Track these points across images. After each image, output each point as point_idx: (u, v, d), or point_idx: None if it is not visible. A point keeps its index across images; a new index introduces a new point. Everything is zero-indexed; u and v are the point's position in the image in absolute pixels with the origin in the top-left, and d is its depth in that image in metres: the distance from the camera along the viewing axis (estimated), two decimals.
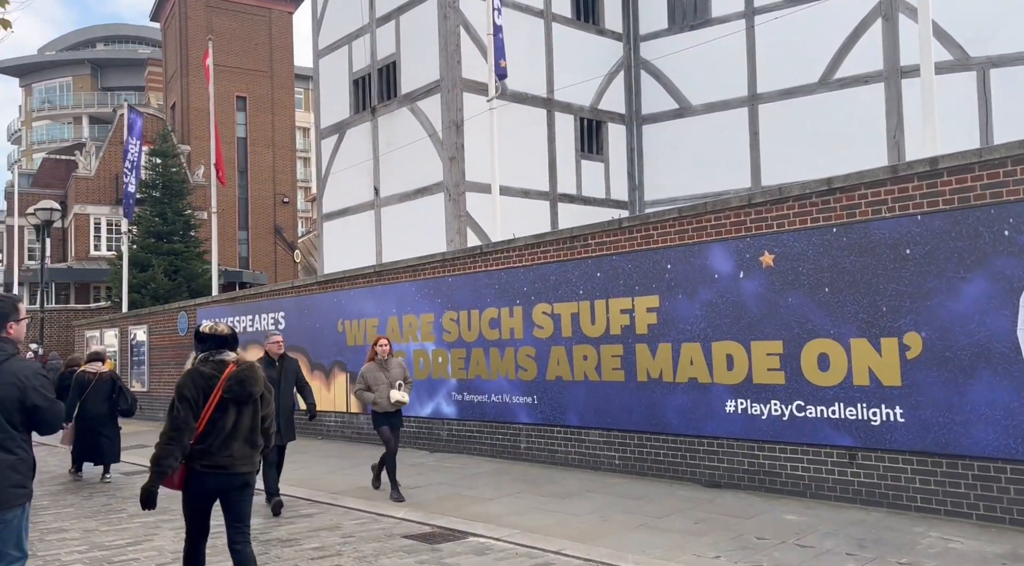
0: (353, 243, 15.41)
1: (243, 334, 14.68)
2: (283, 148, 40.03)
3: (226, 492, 4.28)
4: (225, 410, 4.22)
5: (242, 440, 4.28)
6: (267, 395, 4.47)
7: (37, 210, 16.80)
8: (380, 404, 7.88)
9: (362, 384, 8.00)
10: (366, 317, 12.00)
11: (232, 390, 4.22)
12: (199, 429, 4.17)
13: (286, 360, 7.99)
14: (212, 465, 4.18)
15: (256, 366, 4.45)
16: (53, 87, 62.12)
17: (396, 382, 7.95)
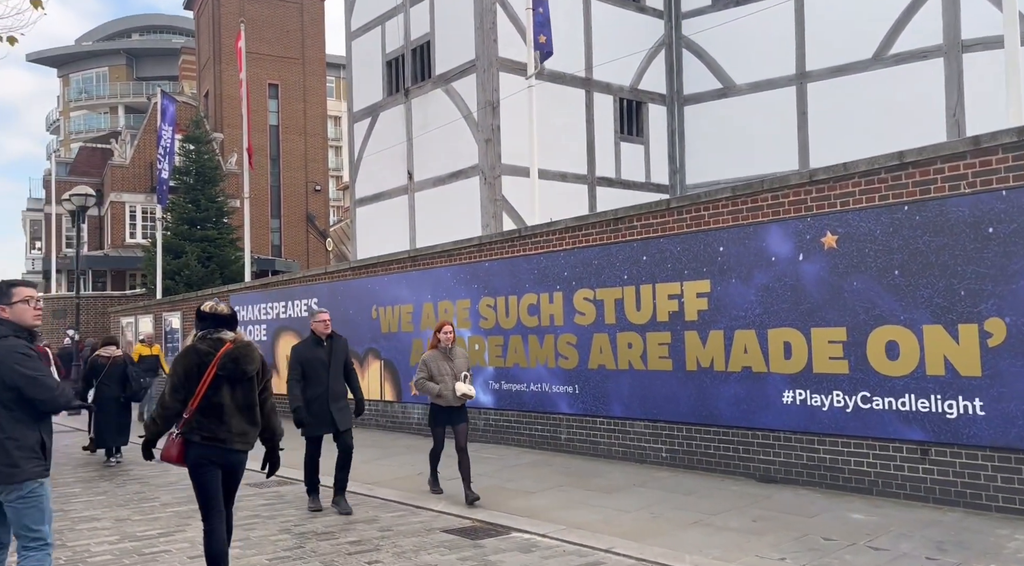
0: (386, 229, 15.14)
1: (276, 320, 14.54)
2: (315, 136, 40.01)
3: (223, 468, 4.31)
4: (219, 387, 4.26)
5: (239, 417, 4.33)
6: (264, 374, 4.52)
7: (72, 196, 16.82)
8: (444, 397, 7.02)
9: (424, 373, 7.13)
10: (400, 303, 11.72)
11: (226, 368, 4.26)
12: (195, 404, 4.23)
13: (335, 339, 7.04)
14: (211, 438, 4.25)
15: (252, 346, 4.48)
16: (90, 77, 62.97)
17: (462, 374, 7.07)
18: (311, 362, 6.84)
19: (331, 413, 6.82)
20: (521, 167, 12.94)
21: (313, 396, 6.80)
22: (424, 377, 7.12)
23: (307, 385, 6.83)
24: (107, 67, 63.21)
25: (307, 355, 6.90)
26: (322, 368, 6.82)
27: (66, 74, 64.20)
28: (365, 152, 15.82)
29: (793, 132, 13.98)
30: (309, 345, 6.97)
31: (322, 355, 6.86)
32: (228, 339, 4.36)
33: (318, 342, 6.98)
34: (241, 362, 4.31)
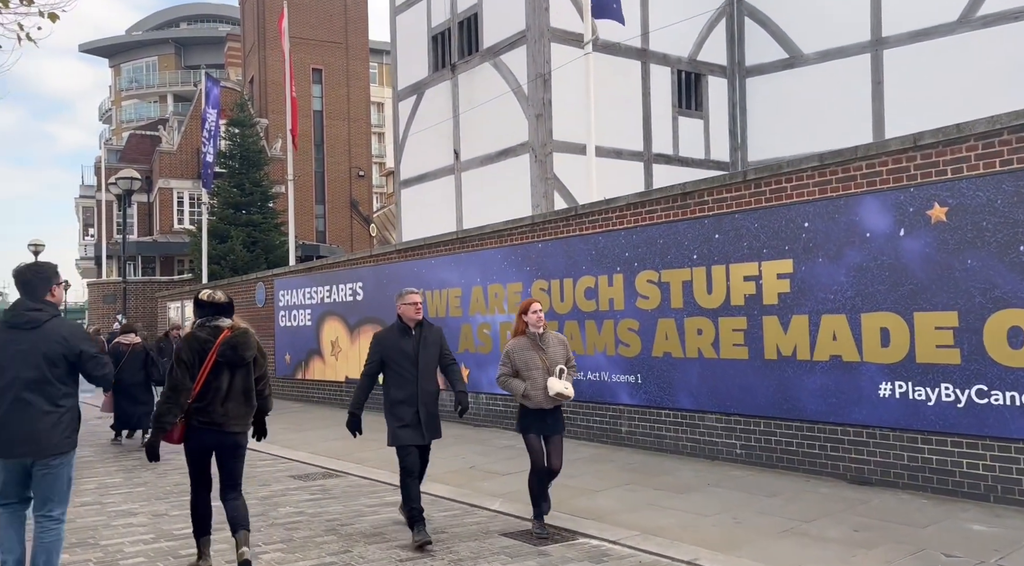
0: (432, 210, 14.63)
1: (321, 305, 14.17)
2: (358, 121, 39.78)
3: (220, 448, 4.55)
4: (219, 372, 4.48)
5: (236, 400, 4.54)
6: (260, 359, 4.70)
7: (118, 179, 16.72)
8: (533, 397, 5.36)
9: (507, 368, 5.48)
10: (448, 287, 11.18)
11: (225, 354, 4.47)
12: (196, 389, 4.43)
13: (426, 327, 5.52)
14: (208, 422, 4.45)
15: (250, 332, 4.65)
16: (140, 67, 63.98)
17: (556, 367, 5.39)
18: (395, 355, 5.40)
19: (420, 419, 5.37)
20: (573, 143, 12.26)
21: (399, 398, 5.39)
22: (507, 373, 5.48)
23: (391, 384, 5.45)
24: (156, 56, 64.18)
25: (390, 346, 5.45)
26: (408, 363, 5.38)
27: (117, 64, 65.39)
28: (410, 131, 15.30)
29: (867, 103, 12.97)
30: (394, 334, 5.49)
31: (408, 347, 5.39)
32: (226, 326, 4.56)
33: (405, 331, 5.46)
34: (239, 348, 4.51)
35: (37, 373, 3.92)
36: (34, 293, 4.09)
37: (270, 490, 7.21)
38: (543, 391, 5.37)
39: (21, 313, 4.01)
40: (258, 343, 4.70)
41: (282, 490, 7.21)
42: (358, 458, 8.72)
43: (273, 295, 15.85)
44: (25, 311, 4.01)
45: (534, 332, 5.53)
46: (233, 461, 4.60)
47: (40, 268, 4.23)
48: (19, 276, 4.14)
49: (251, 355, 4.59)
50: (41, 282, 4.13)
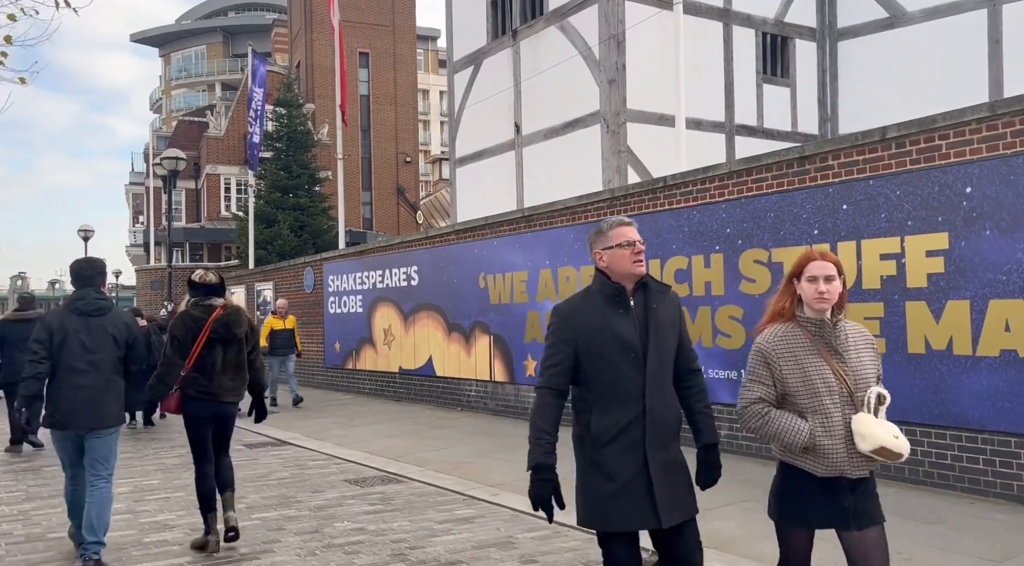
0: (490, 190, 13.63)
1: (373, 291, 13.29)
2: (405, 105, 38.99)
3: (215, 417, 4.80)
4: (212, 348, 4.72)
5: (229, 374, 4.79)
6: (251, 335, 4.95)
7: (163, 159, 16.11)
8: (826, 453, 2.63)
9: (762, 386, 2.72)
10: (513, 270, 10.16)
11: (218, 331, 4.73)
12: (190, 363, 4.67)
13: (654, 292, 2.85)
14: (204, 392, 4.70)
15: (241, 310, 4.94)
16: (189, 56, 64.39)
17: (870, 392, 2.63)
18: (599, 345, 2.78)
19: (650, 479, 2.72)
20: (650, 113, 11.10)
21: (609, 428, 2.78)
22: (764, 399, 2.73)
23: (591, 401, 2.84)
24: (205, 45, 64.46)
25: (590, 328, 2.82)
26: (627, 359, 2.77)
27: (167, 54, 65.93)
28: (466, 105, 14.29)
29: (983, 64, 11.49)
30: (595, 301, 2.83)
31: (625, 327, 2.78)
32: (219, 305, 4.80)
33: (616, 296, 2.81)
34: (231, 326, 4.79)
35: (110, 354, 4.50)
36: (96, 285, 4.65)
37: (324, 498, 6.29)
38: (845, 440, 2.62)
39: (93, 301, 4.53)
40: (249, 320, 5.02)
41: (337, 499, 6.29)
42: (420, 459, 7.78)
43: (322, 280, 15.06)
44: (96, 300, 4.55)
45: (818, 318, 2.71)
46: (225, 428, 4.97)
47: (97, 262, 4.78)
48: (80, 270, 4.64)
49: (243, 331, 4.87)
50: (99, 275, 4.72)
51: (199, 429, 4.81)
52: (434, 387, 11.83)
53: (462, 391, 11.22)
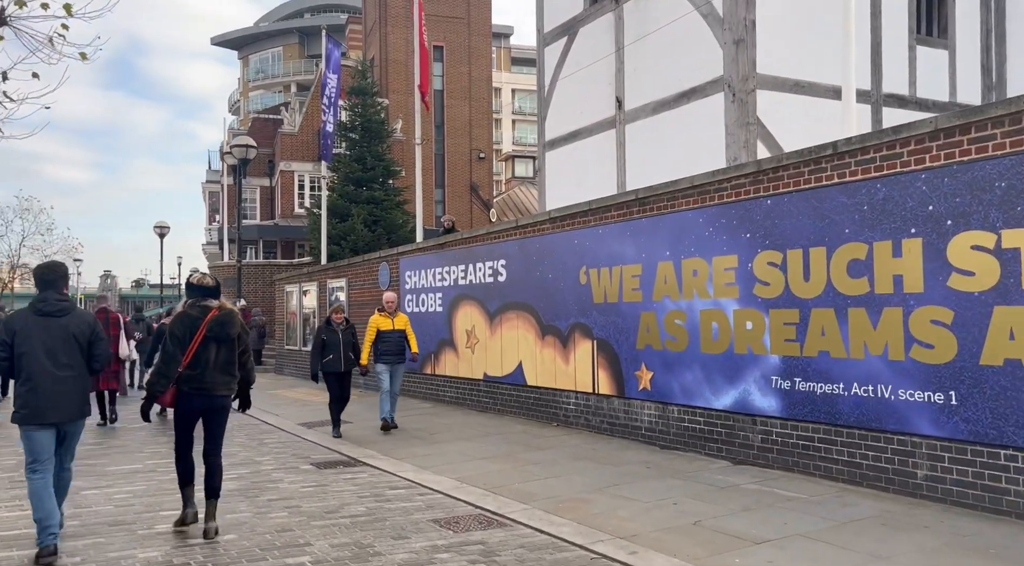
0: (584, 174, 12.09)
1: (454, 288, 11.92)
2: (479, 100, 37.85)
3: (206, 411, 5.26)
4: (207, 346, 5.14)
5: (221, 370, 5.23)
6: (243, 335, 5.38)
7: (233, 146, 15.23)
8: None
9: None
10: (623, 263, 8.57)
11: (213, 330, 5.14)
12: (187, 360, 5.09)
13: None
14: (197, 387, 5.16)
15: (234, 312, 5.33)
16: (266, 58, 65.29)
17: None
18: None
19: None
20: (783, 78, 9.35)
21: None
22: None
23: None
24: (281, 47, 65.19)
25: None
26: None
27: (246, 56, 67.01)
28: (558, 82, 12.79)
29: None
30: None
31: None
32: (214, 306, 5.22)
33: None
34: (226, 326, 5.19)
35: (69, 352, 4.78)
36: (58, 287, 4.94)
37: (410, 551, 4.86)
38: None
39: (54, 303, 4.83)
40: (241, 322, 5.36)
41: (427, 551, 4.85)
42: (521, 492, 6.30)
43: (398, 276, 13.80)
44: (57, 302, 4.85)
45: None
46: (217, 422, 5.30)
47: (58, 266, 5.13)
48: (43, 274, 4.95)
49: (235, 332, 5.23)
50: (61, 279, 5.02)
51: (188, 422, 5.31)
52: (524, 398, 10.35)
53: (558, 404, 9.69)
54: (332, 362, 9.25)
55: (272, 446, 9.00)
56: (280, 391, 15.37)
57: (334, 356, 9.25)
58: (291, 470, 7.50)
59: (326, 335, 9.39)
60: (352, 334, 9.47)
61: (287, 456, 8.31)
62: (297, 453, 8.49)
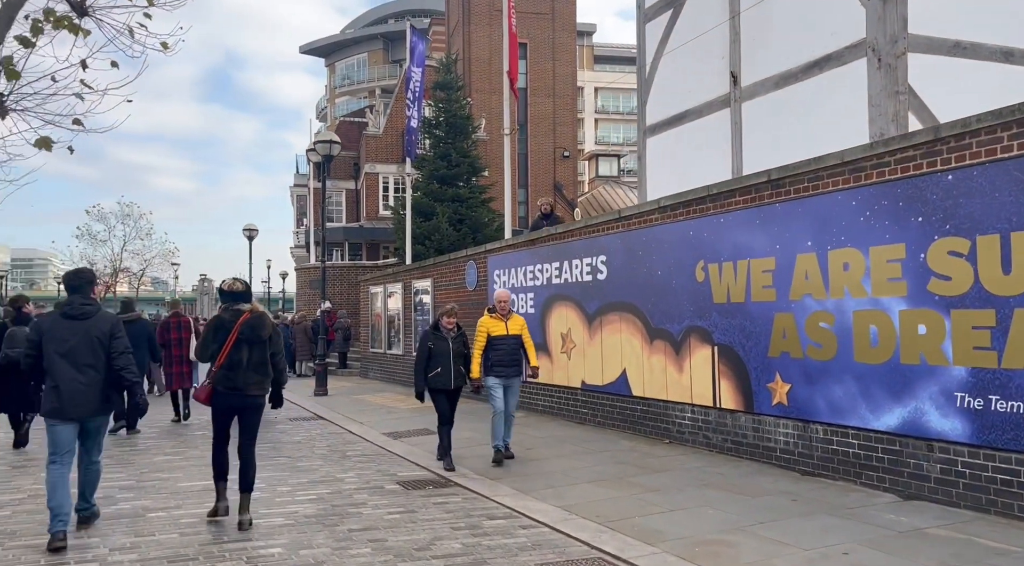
0: (691, 161, 10.88)
1: (547, 287, 10.91)
2: (564, 97, 36.82)
3: (241, 409, 5.52)
4: (240, 348, 5.42)
5: (254, 370, 5.48)
6: (275, 337, 5.63)
7: (316, 143, 14.76)
8: None
9: None
10: (751, 256, 7.37)
11: (245, 333, 5.43)
12: (220, 361, 5.39)
13: None
14: (231, 387, 5.42)
15: (265, 314, 5.67)
16: (352, 64, 66.38)
17: None
18: None
19: None
20: (939, 40, 7.90)
21: None
22: None
23: None
24: (366, 53, 66.09)
25: None
26: None
27: (332, 63, 68.31)
28: (661, 59, 11.62)
29: None
30: None
31: None
32: (246, 309, 5.54)
33: None
34: (256, 328, 5.50)
35: (91, 352, 5.15)
36: (83, 292, 5.38)
37: None
38: None
39: (78, 306, 5.26)
40: (273, 324, 5.70)
41: None
42: (644, 528, 5.22)
43: (487, 275, 12.92)
44: (81, 305, 5.27)
45: None
46: (252, 419, 5.57)
47: (84, 273, 5.57)
48: (69, 280, 5.43)
49: (266, 334, 5.55)
50: (87, 284, 5.48)
51: (224, 418, 5.55)
52: (629, 410, 9.24)
53: (670, 418, 8.53)
54: (440, 377, 7.48)
55: (355, 459, 8.23)
56: (365, 396, 14.77)
57: (442, 369, 7.47)
58: (375, 490, 6.66)
59: (433, 343, 7.54)
60: (464, 343, 7.71)
61: (371, 472, 7.50)
62: (382, 469, 7.67)
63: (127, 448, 9.04)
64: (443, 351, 7.51)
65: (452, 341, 7.57)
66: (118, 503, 6.21)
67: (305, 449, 8.87)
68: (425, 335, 7.71)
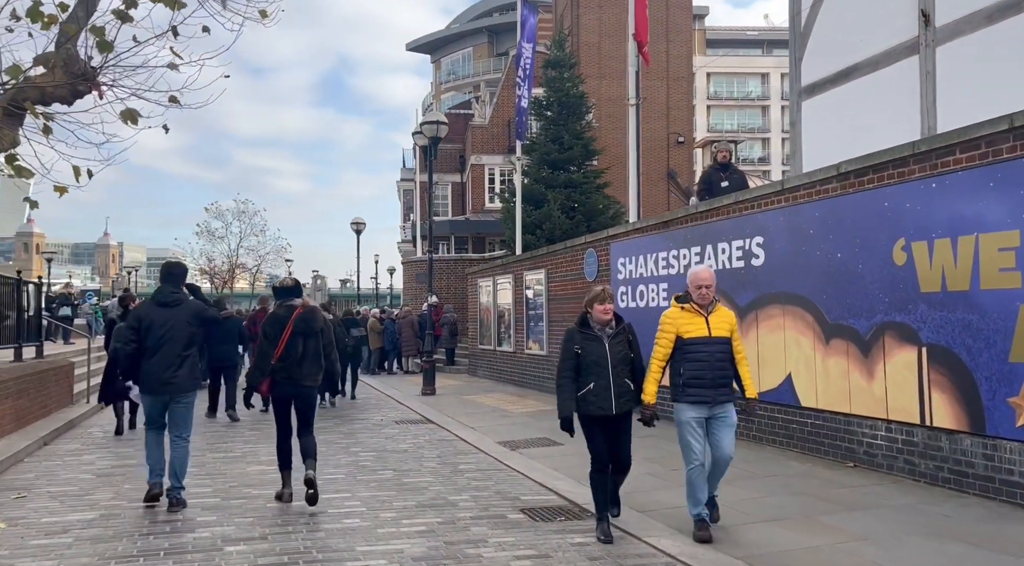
0: (862, 123, 9.03)
1: (686, 276, 9.36)
2: (678, 80, 34.69)
3: (297, 397, 5.92)
4: (295, 341, 5.83)
5: (308, 361, 5.88)
6: (327, 329, 6.03)
7: (424, 125, 13.77)
8: None
9: None
10: (980, 230, 5.61)
11: (299, 326, 5.86)
12: (278, 354, 5.80)
13: None
14: (287, 377, 5.84)
15: (317, 309, 6.06)
16: (457, 59, 66.30)
17: None
18: None
19: None
20: None
21: None
22: None
23: None
24: (471, 47, 65.75)
25: None
26: None
27: (438, 59, 68.47)
28: (822, 6, 9.80)
29: None
30: None
31: None
32: (298, 305, 5.96)
33: None
34: (309, 322, 5.91)
35: (181, 336, 5.77)
36: (175, 283, 6.03)
37: None
38: None
39: (168, 295, 5.90)
40: (324, 317, 6.12)
41: None
42: None
43: (609, 264, 11.50)
44: (171, 294, 5.90)
45: None
46: (306, 407, 5.99)
47: (178, 266, 6.27)
48: (165, 270, 6.12)
49: (318, 326, 5.94)
50: (179, 274, 6.16)
51: (283, 407, 6.00)
52: (796, 423, 7.58)
53: (854, 436, 6.83)
54: (594, 398, 4.85)
55: (469, 476, 7.03)
56: (475, 396, 13.67)
57: (598, 385, 4.85)
58: (496, 520, 5.41)
59: (581, 345, 4.93)
60: (629, 344, 5.03)
61: (489, 494, 6.26)
62: (501, 490, 6.42)
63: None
64: (597, 357, 4.86)
65: (611, 342, 4.91)
66: None
67: (412, 461, 7.76)
68: (570, 335, 5.04)
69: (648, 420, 4.93)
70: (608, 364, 4.85)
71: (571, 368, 4.90)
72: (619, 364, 4.88)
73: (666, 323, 5.00)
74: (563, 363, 4.98)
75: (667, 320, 5.02)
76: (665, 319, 5.04)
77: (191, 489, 6.16)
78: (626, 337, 5.02)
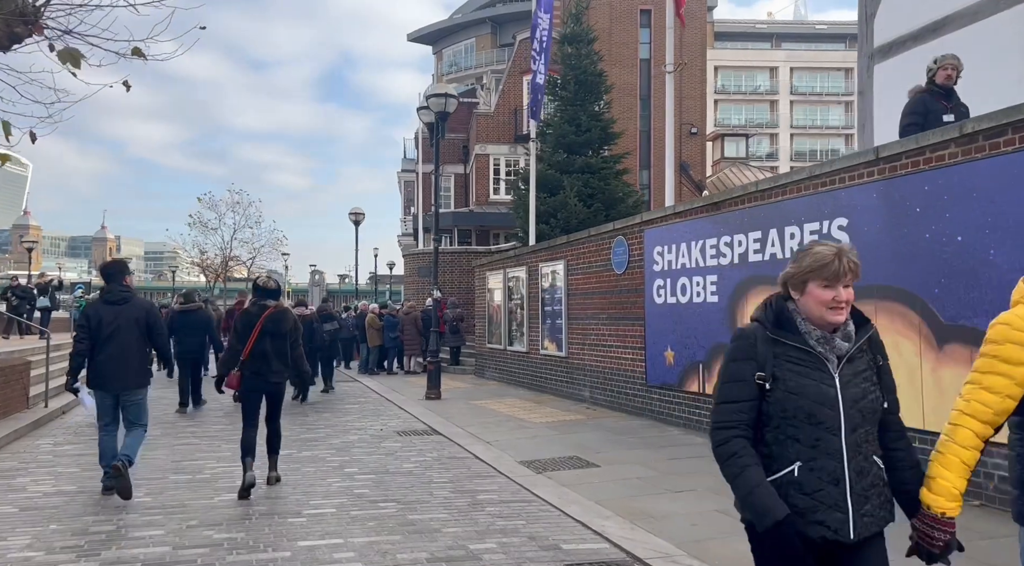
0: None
1: (738, 268, 7.94)
2: (691, 68, 33.14)
3: (265, 392, 6.38)
4: (263, 339, 6.23)
5: (276, 360, 6.30)
6: (294, 331, 6.44)
7: (430, 98, 12.31)
8: None
9: None
10: None
11: (267, 326, 6.25)
12: (247, 351, 6.21)
13: None
14: (255, 372, 6.24)
15: (288, 311, 6.55)
16: (459, 50, 64.83)
17: None
18: None
19: None
20: None
21: None
22: None
23: None
24: (474, 38, 64.18)
25: None
26: None
27: (439, 50, 66.88)
28: None
29: None
30: None
31: None
32: (271, 305, 6.36)
33: None
34: (278, 322, 6.33)
35: (129, 333, 5.98)
36: (119, 280, 6.20)
37: None
38: None
39: (117, 293, 6.12)
40: (294, 318, 6.55)
41: None
42: None
43: (642, 254, 10.06)
44: (119, 292, 6.13)
45: None
46: (273, 401, 6.48)
47: (118, 263, 6.44)
48: (105, 269, 6.30)
49: (286, 327, 6.38)
50: (120, 273, 6.26)
51: (251, 402, 6.33)
52: None
53: (981, 465, 5.38)
54: (805, 493, 2.15)
55: (491, 511, 5.59)
56: (485, 402, 12.22)
57: (811, 467, 2.16)
58: None
59: (778, 371, 2.19)
60: (879, 375, 2.32)
61: (520, 540, 4.83)
62: (534, 534, 4.99)
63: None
64: (815, 402, 2.16)
65: (844, 370, 2.22)
66: None
67: (420, 488, 6.32)
68: (747, 342, 2.27)
69: (940, 553, 2.20)
70: (840, 420, 2.17)
71: (745, 422, 2.21)
72: (862, 420, 2.21)
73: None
74: (726, 406, 2.23)
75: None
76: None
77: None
78: (873, 361, 2.31)
